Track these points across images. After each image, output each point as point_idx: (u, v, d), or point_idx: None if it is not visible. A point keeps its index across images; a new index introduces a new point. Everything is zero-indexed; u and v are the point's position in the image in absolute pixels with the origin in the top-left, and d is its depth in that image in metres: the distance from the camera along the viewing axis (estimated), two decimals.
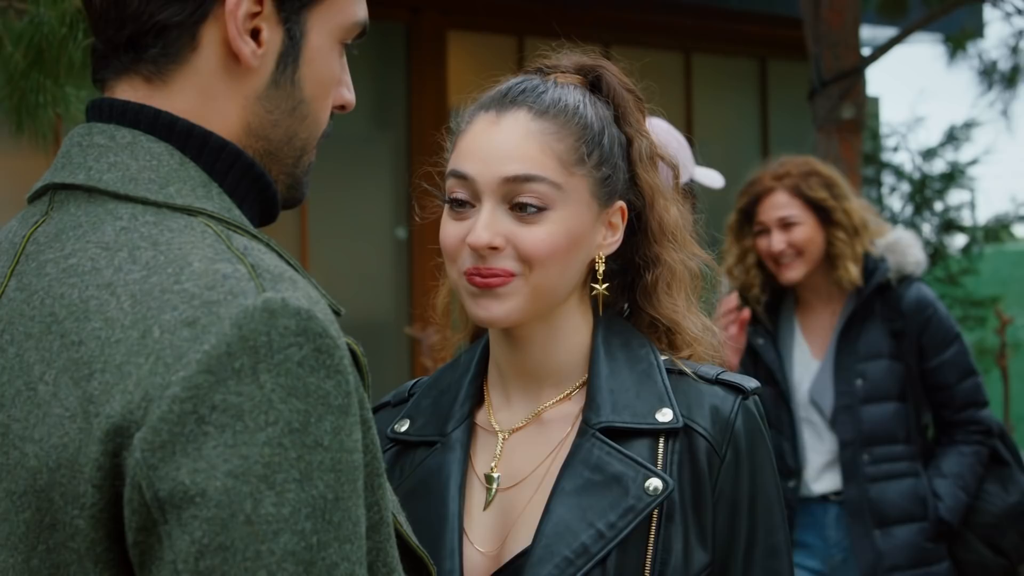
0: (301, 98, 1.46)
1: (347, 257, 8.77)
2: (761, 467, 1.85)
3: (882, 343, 4.18)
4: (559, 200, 1.83)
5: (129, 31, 1.39)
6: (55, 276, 1.32)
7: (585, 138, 1.86)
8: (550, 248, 1.82)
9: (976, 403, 4.23)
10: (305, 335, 1.24)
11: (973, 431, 4.22)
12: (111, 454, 1.22)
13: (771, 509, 1.85)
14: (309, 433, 1.22)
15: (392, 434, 1.96)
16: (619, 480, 1.80)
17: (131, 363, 1.23)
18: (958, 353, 4.22)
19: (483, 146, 1.85)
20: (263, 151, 1.45)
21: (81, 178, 1.38)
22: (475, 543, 1.86)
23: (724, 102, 10.53)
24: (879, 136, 9.21)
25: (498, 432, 1.91)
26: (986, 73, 8.87)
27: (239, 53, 1.40)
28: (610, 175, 1.89)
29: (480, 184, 1.83)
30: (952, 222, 9.01)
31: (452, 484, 1.87)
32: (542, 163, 1.83)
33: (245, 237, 1.35)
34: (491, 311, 1.83)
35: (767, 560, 1.84)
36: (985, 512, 4.20)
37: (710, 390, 1.86)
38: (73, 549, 1.24)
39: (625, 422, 1.83)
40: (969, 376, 4.24)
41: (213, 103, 1.41)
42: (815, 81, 6.74)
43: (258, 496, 1.19)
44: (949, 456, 4.20)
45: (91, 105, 1.44)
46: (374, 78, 8.93)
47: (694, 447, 1.82)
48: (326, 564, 1.21)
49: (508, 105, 1.87)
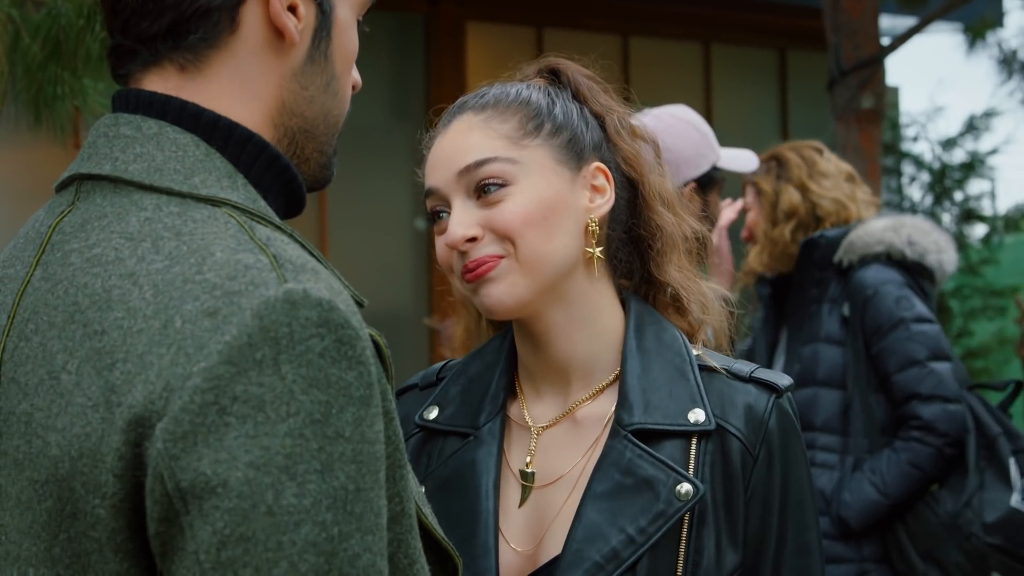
0: (333, 73, 1.48)
1: (366, 248, 8.77)
2: (794, 465, 1.84)
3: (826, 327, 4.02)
4: (519, 173, 1.84)
5: (169, 19, 1.39)
6: (79, 266, 1.32)
7: (530, 114, 1.88)
8: (522, 217, 1.82)
9: (919, 395, 3.88)
10: (327, 326, 1.24)
11: (912, 427, 3.88)
12: (133, 444, 1.22)
13: (803, 507, 1.85)
14: (330, 424, 1.22)
15: (420, 421, 1.95)
16: (650, 484, 1.79)
17: (153, 353, 1.23)
18: (899, 340, 3.91)
19: (438, 156, 1.89)
20: (298, 129, 1.46)
21: (107, 169, 1.38)
22: (511, 541, 1.85)
23: (743, 92, 10.51)
24: (898, 126, 9.19)
25: (531, 427, 1.90)
26: (1005, 62, 8.84)
27: (284, 29, 1.41)
28: (572, 137, 1.89)
29: (444, 189, 1.86)
30: (972, 212, 8.98)
31: (487, 480, 1.86)
32: (489, 146, 1.85)
33: (268, 228, 1.35)
34: (492, 295, 1.82)
35: (798, 558, 1.83)
36: (926, 521, 3.88)
37: (743, 388, 1.85)
38: (94, 538, 1.25)
39: (657, 423, 1.82)
40: (912, 366, 3.90)
41: (250, 85, 1.42)
42: (834, 71, 6.73)
43: (279, 487, 1.19)
44: (880, 453, 3.91)
45: (117, 96, 1.44)
46: (393, 69, 8.94)
47: (727, 448, 1.81)
48: (347, 555, 1.21)
49: (453, 115, 1.92)
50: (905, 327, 3.92)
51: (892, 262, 4.01)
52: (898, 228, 4.04)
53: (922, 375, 3.88)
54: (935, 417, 3.86)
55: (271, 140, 1.44)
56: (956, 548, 3.83)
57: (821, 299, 4.08)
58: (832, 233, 4.06)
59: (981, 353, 8.68)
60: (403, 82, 8.97)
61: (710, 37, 10.19)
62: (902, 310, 3.94)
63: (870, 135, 6.71)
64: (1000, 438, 3.89)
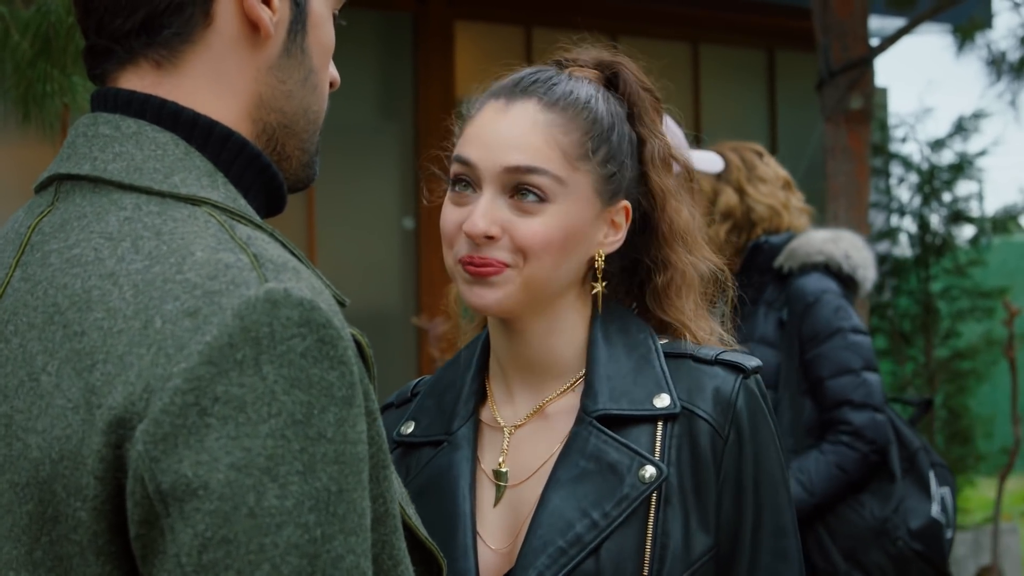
0: (311, 67, 1.47)
1: (354, 247, 8.76)
2: (765, 447, 1.84)
3: (760, 329, 4.09)
4: (560, 194, 1.82)
5: (142, 15, 1.38)
6: (59, 266, 1.31)
7: (593, 133, 1.86)
8: (544, 241, 1.81)
9: (851, 402, 3.99)
10: (308, 326, 1.23)
11: (841, 431, 3.97)
12: (113, 446, 1.21)
13: (776, 489, 1.84)
14: (312, 425, 1.21)
15: (398, 437, 1.95)
16: (614, 469, 1.79)
17: (133, 354, 1.22)
18: (836, 348, 4.02)
19: (489, 133, 1.85)
20: (277, 124, 1.45)
21: (86, 168, 1.37)
22: (488, 541, 1.85)
23: (732, 92, 10.51)
24: (887, 127, 9.18)
25: (503, 427, 1.91)
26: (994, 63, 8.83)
27: (258, 21, 1.40)
28: (615, 173, 1.88)
29: (482, 171, 1.83)
30: (960, 213, 8.97)
31: (462, 482, 1.86)
32: (546, 155, 1.82)
33: (249, 227, 1.34)
34: (484, 298, 1.82)
35: (775, 540, 1.83)
36: (850, 523, 3.98)
37: (710, 371, 1.85)
38: (75, 541, 1.24)
39: (622, 409, 1.83)
40: (846, 373, 4.01)
41: (226, 79, 1.41)
42: (823, 71, 6.72)
43: (261, 488, 1.18)
44: (808, 453, 3.98)
45: (95, 95, 1.43)
46: (381, 68, 8.92)
47: (695, 431, 1.81)
48: (331, 557, 1.20)
49: (518, 94, 1.87)
50: (843, 336, 4.04)
51: (829, 272, 4.13)
52: (837, 240, 4.18)
53: (855, 383, 4.00)
54: (865, 424, 3.98)
55: (250, 136, 1.43)
56: (880, 551, 3.96)
57: (757, 301, 4.16)
58: (775, 239, 4.16)
59: (968, 354, 8.68)
60: (391, 81, 8.96)
61: (698, 37, 10.19)
62: (840, 320, 4.06)
63: (859, 136, 6.70)
64: (920, 451, 4.06)
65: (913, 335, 8.61)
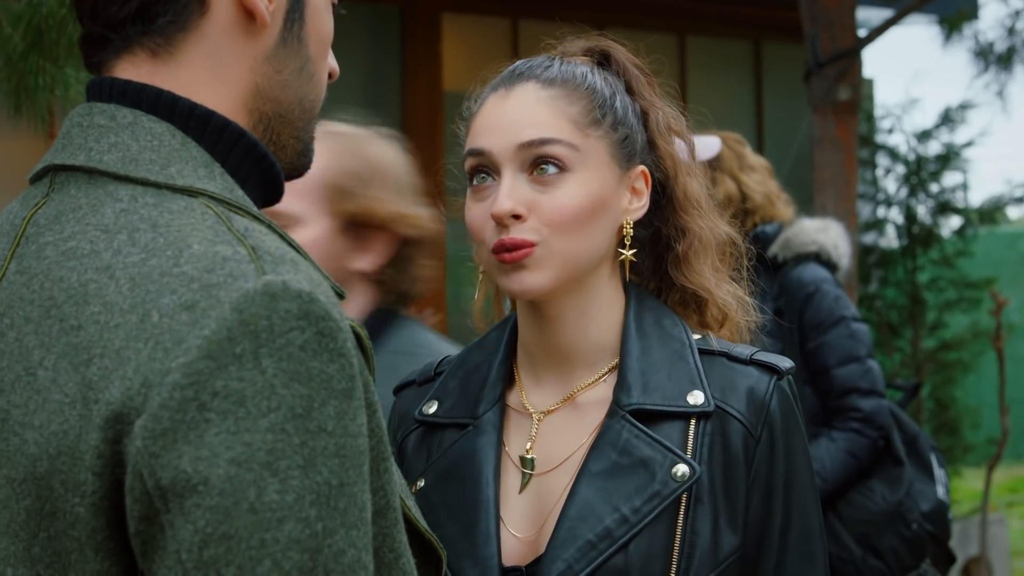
0: (308, 56, 1.46)
1: None
2: (796, 448, 1.83)
3: None
4: (577, 162, 1.83)
5: (137, 2, 1.37)
6: (54, 259, 1.30)
7: (596, 102, 1.87)
8: (573, 211, 1.81)
9: (859, 390, 4.05)
10: (307, 318, 1.22)
11: (851, 418, 4.03)
12: (111, 441, 1.20)
13: (806, 491, 1.84)
14: (312, 418, 1.20)
15: (420, 416, 1.94)
16: (646, 464, 1.78)
17: (130, 348, 1.21)
18: (840, 336, 4.07)
19: (496, 119, 1.86)
20: (273, 114, 1.44)
21: (81, 159, 1.36)
22: (511, 528, 1.84)
23: (719, 83, 10.50)
24: (874, 118, 9.18)
25: (532, 414, 1.90)
26: (981, 54, 8.84)
27: (254, 9, 1.39)
28: (628, 136, 1.89)
29: (497, 155, 1.83)
30: (947, 204, 8.99)
31: (487, 468, 1.85)
32: (556, 125, 1.83)
33: (246, 218, 1.33)
34: (523, 283, 1.81)
35: (802, 542, 1.83)
36: (863, 508, 4.01)
37: (744, 371, 1.85)
38: (74, 537, 1.23)
39: (655, 404, 1.82)
40: (852, 361, 4.07)
41: (221, 69, 1.40)
42: (811, 62, 6.72)
43: (261, 483, 1.17)
44: (817, 441, 4.01)
45: (91, 85, 1.42)
46: (368, 61, 8.90)
47: (727, 430, 1.81)
48: (332, 551, 1.20)
49: (516, 80, 1.88)
50: (846, 324, 4.09)
51: (821, 262, 4.18)
52: (826, 230, 4.24)
53: (862, 371, 4.06)
54: (874, 410, 4.04)
55: (245, 126, 1.41)
56: (893, 535, 3.98)
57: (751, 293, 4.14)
58: (769, 229, 4.19)
59: (955, 345, 8.70)
60: (378, 74, 8.94)
61: (685, 28, 10.18)
62: (841, 308, 4.12)
63: (847, 127, 6.71)
64: (920, 435, 4.12)
65: (900, 326, 8.63)
